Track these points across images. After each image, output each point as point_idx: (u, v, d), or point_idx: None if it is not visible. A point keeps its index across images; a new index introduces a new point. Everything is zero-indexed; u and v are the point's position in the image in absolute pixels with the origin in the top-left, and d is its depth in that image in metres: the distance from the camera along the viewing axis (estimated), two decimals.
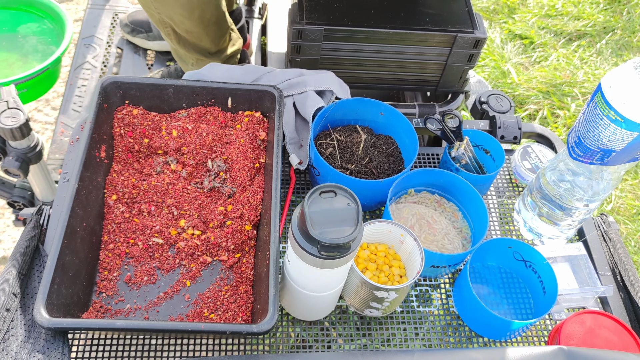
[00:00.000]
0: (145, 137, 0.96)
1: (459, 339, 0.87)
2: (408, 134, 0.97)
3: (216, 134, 0.97)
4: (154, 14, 1.20)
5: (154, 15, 1.20)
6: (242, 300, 0.82)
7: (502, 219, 1.01)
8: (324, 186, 0.70)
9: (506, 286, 0.92)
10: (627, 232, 1.70)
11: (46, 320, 0.70)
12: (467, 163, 0.99)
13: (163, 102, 0.97)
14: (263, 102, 0.98)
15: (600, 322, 0.83)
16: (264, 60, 1.54)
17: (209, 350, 0.81)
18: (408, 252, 0.84)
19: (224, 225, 0.90)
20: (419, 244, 0.81)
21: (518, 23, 2.20)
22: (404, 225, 0.92)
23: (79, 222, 0.82)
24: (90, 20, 1.64)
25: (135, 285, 0.84)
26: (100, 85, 0.93)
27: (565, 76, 2.04)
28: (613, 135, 0.75)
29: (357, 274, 0.78)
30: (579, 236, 1.00)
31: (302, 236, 0.69)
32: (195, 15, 1.19)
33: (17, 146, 1.11)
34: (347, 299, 0.85)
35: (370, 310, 0.84)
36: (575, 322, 0.83)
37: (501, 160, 0.99)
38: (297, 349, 0.84)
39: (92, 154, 0.88)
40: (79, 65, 1.55)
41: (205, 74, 1.03)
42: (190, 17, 1.19)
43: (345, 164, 0.96)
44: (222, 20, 1.27)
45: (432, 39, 1.06)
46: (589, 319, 0.83)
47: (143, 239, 0.88)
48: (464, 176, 0.95)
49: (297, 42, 1.05)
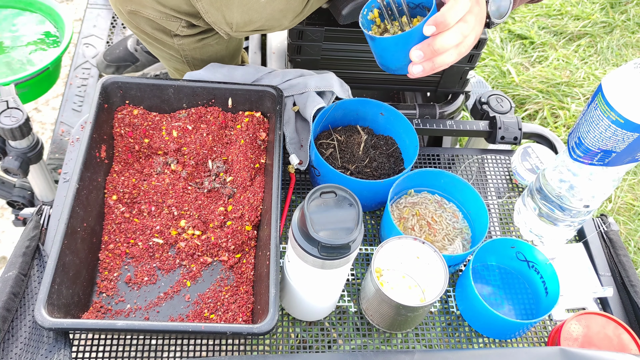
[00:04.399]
0: (146, 137, 0.96)
1: (459, 339, 0.87)
2: (408, 135, 0.97)
3: (216, 135, 0.97)
4: (184, 73, 1.18)
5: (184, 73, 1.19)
6: (242, 301, 0.82)
7: (502, 220, 1.01)
8: (325, 187, 0.70)
9: (508, 286, 0.92)
10: (627, 232, 1.70)
11: (47, 320, 0.70)
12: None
13: (163, 102, 0.97)
14: (263, 103, 0.98)
15: (600, 323, 0.83)
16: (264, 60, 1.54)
17: (209, 351, 0.81)
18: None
19: (224, 226, 0.90)
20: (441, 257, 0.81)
21: (518, 23, 2.20)
22: (404, 225, 0.92)
23: (80, 222, 0.81)
24: (90, 20, 1.63)
25: (136, 285, 0.84)
26: (101, 85, 0.92)
27: (565, 76, 2.04)
28: (613, 136, 0.75)
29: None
30: (579, 237, 1.00)
31: (302, 237, 0.69)
32: (233, 63, 1.20)
33: (17, 146, 1.11)
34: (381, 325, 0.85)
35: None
36: (575, 322, 0.83)
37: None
38: (297, 349, 0.84)
39: (93, 154, 0.88)
40: (79, 65, 1.55)
41: (206, 74, 1.03)
42: None
43: (346, 165, 0.96)
44: (239, 57, 1.27)
45: None
46: (589, 320, 0.83)
47: (143, 239, 0.88)
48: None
49: (298, 43, 1.05)
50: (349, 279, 0.90)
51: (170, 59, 1.12)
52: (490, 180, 1.07)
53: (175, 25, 1.00)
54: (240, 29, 0.94)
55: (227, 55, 1.15)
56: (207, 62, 1.12)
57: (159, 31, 1.03)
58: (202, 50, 1.08)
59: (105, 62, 1.50)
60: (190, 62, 1.12)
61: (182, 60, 1.11)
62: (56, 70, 1.35)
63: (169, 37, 1.03)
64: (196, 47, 1.07)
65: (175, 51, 1.08)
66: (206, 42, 1.06)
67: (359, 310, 0.87)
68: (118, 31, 1.62)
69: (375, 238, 0.96)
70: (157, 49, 1.11)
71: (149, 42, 1.10)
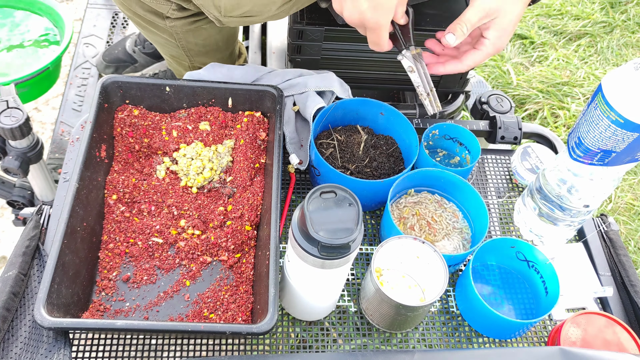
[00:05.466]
0: (146, 137, 0.96)
1: (459, 339, 0.87)
2: (408, 134, 0.97)
3: (216, 134, 0.97)
4: (184, 63, 1.20)
5: (185, 64, 1.20)
6: (242, 300, 0.82)
7: (502, 220, 1.01)
8: (324, 186, 0.70)
9: (508, 286, 0.92)
10: (627, 232, 1.70)
11: (46, 320, 0.70)
12: (412, 79, 0.88)
13: (163, 102, 0.97)
14: (263, 102, 0.98)
15: (600, 322, 0.83)
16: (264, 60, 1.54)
17: (209, 350, 0.81)
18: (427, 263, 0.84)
19: (224, 225, 0.90)
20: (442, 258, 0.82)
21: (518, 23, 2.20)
22: (404, 225, 0.92)
23: (79, 221, 0.81)
24: (90, 20, 1.63)
25: (135, 284, 0.84)
26: (101, 85, 0.92)
27: (565, 76, 2.04)
28: (613, 136, 0.75)
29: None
30: (579, 237, 1.00)
31: (302, 236, 0.69)
32: (228, 53, 1.23)
33: (17, 145, 1.11)
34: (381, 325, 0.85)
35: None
36: (575, 322, 0.83)
37: (477, 154, 0.97)
38: (297, 349, 0.84)
39: (93, 153, 0.88)
40: (79, 65, 1.55)
41: (206, 74, 1.03)
42: (223, 57, 1.22)
43: (346, 164, 0.96)
44: (236, 45, 1.29)
45: None
46: (589, 320, 0.83)
47: (143, 238, 0.88)
48: (443, 169, 0.93)
49: (298, 42, 1.05)
50: (349, 279, 0.90)
51: (166, 44, 1.13)
52: (490, 180, 1.07)
53: (166, 8, 1.00)
54: (229, 13, 0.94)
55: (222, 40, 1.15)
56: (202, 46, 1.13)
57: (150, 13, 1.04)
58: (195, 33, 1.09)
59: (104, 62, 1.51)
60: (185, 47, 1.12)
61: (176, 44, 1.11)
62: (56, 70, 1.35)
63: (161, 19, 1.04)
64: (189, 30, 1.07)
65: (169, 35, 1.09)
66: (198, 25, 1.07)
67: (359, 310, 0.87)
68: (118, 31, 1.62)
69: (375, 238, 0.96)
70: (151, 33, 1.12)
71: (143, 26, 1.11)
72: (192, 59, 1.17)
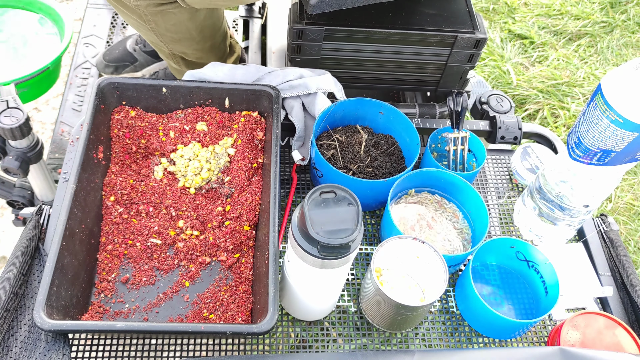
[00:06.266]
0: (143, 138, 0.96)
1: (459, 339, 0.86)
2: (409, 133, 0.97)
3: (214, 135, 0.97)
4: (164, 50, 1.21)
5: (164, 51, 1.21)
6: (241, 300, 0.82)
7: (502, 220, 1.01)
8: (324, 186, 0.70)
9: (507, 286, 0.92)
10: (627, 232, 1.70)
11: (46, 323, 0.70)
12: (450, 153, 0.99)
13: (160, 102, 0.97)
14: (260, 102, 0.98)
15: (600, 322, 0.83)
16: (263, 60, 1.54)
17: (209, 350, 0.81)
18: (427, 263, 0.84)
19: (223, 226, 0.89)
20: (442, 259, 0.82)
21: (518, 23, 2.19)
22: (404, 225, 0.92)
23: (78, 223, 0.81)
24: (90, 20, 1.63)
25: (134, 286, 0.84)
26: (97, 86, 0.92)
27: (565, 76, 2.03)
28: (613, 136, 0.75)
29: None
30: (579, 237, 1.00)
31: (302, 236, 0.69)
32: (208, 45, 1.23)
33: (17, 145, 1.11)
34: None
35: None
36: (575, 322, 0.83)
37: (482, 160, 0.99)
38: (297, 349, 0.83)
39: (90, 155, 0.88)
40: (78, 65, 1.55)
41: (207, 73, 1.03)
42: (202, 48, 1.22)
43: (348, 165, 0.96)
44: (226, 37, 1.31)
45: (432, 39, 1.06)
46: (589, 320, 0.83)
47: (141, 239, 0.87)
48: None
49: (298, 42, 1.05)
50: (349, 279, 0.90)
51: (139, 26, 1.14)
52: (490, 180, 1.07)
53: None
54: None
55: (195, 29, 1.15)
56: (174, 32, 1.13)
57: None
58: (164, 17, 1.09)
59: (104, 62, 1.51)
60: (157, 32, 1.13)
61: (147, 27, 1.12)
62: (56, 70, 1.35)
63: None
64: (156, 12, 1.07)
65: (138, 16, 1.09)
66: (165, 8, 1.07)
67: (359, 310, 0.87)
68: (118, 31, 1.62)
69: (375, 238, 0.96)
70: (122, 13, 1.13)
71: (117, 8, 1.12)
72: (168, 45, 1.18)
